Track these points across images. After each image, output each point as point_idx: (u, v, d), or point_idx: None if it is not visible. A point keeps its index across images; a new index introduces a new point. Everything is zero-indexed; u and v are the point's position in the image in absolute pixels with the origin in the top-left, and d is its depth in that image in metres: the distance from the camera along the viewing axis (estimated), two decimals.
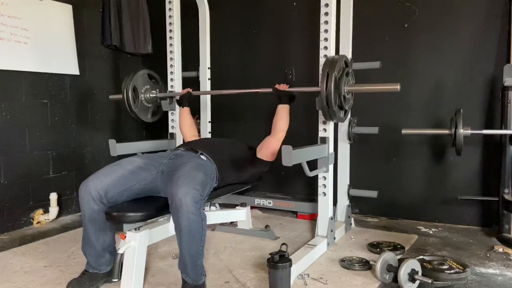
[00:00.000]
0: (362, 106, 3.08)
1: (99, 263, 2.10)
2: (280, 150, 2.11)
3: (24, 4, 3.16)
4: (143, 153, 2.95)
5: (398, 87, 2.21)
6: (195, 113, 3.50)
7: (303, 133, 3.37)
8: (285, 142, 2.36)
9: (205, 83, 3.34)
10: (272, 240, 2.79)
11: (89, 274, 2.10)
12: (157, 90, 3.21)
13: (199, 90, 3.35)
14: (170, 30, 3.14)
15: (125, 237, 2.00)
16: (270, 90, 2.55)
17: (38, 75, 3.27)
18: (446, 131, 2.68)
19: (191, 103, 2.97)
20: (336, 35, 2.53)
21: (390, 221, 3.23)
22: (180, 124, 2.96)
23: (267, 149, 2.49)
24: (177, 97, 3.02)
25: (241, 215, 2.93)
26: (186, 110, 2.93)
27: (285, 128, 2.48)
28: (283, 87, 2.53)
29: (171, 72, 3.18)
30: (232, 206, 3.10)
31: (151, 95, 3.16)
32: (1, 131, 3.05)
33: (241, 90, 2.88)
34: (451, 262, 2.22)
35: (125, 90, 2.99)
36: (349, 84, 2.35)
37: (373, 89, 2.48)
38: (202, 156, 2.33)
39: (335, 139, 2.72)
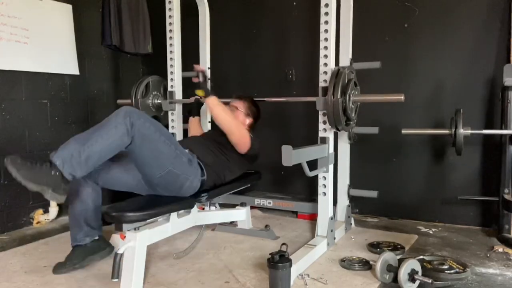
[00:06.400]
0: (362, 106, 3.08)
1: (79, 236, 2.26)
2: (279, 149, 2.10)
3: (24, 4, 3.16)
4: None
5: (403, 97, 2.29)
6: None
7: (303, 133, 3.37)
8: (285, 142, 2.36)
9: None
10: (272, 240, 2.79)
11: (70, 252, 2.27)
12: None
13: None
14: (170, 30, 3.14)
15: (125, 237, 2.00)
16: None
17: (38, 75, 3.27)
18: (446, 131, 2.68)
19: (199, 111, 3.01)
20: (336, 35, 2.53)
21: (390, 221, 3.23)
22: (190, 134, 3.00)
23: (235, 145, 2.48)
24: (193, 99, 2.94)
25: (241, 215, 2.93)
26: (196, 120, 2.94)
27: (229, 126, 2.42)
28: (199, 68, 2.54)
29: (171, 72, 3.18)
30: (232, 206, 3.10)
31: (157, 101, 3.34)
32: (1, 131, 3.05)
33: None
34: (451, 262, 2.22)
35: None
36: (355, 94, 2.42)
37: (378, 99, 2.58)
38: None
39: (335, 139, 2.72)
